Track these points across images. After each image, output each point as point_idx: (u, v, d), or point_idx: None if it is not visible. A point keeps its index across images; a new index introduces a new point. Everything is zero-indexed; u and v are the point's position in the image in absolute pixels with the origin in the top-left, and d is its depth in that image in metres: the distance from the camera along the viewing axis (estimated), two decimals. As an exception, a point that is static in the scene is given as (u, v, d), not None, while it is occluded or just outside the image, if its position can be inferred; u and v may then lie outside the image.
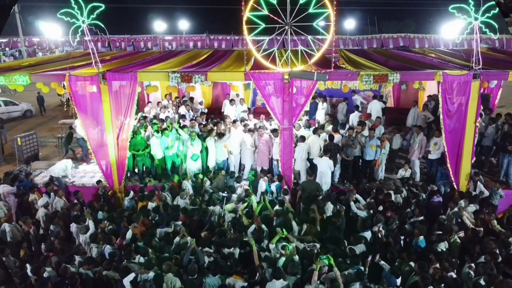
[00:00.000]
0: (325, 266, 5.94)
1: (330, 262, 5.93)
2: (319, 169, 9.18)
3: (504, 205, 9.10)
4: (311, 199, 8.30)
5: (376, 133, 9.80)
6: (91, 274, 6.13)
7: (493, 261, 6.33)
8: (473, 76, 8.64)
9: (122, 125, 9.14)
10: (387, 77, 8.57)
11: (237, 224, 7.41)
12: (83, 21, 8.48)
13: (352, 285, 5.83)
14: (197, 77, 8.79)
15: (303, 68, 8.62)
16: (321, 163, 9.17)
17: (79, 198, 8.73)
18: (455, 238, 7.14)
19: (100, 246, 6.91)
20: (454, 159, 9.21)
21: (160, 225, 7.46)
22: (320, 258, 5.99)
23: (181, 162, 10.01)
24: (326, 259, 5.95)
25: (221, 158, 9.95)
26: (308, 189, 8.60)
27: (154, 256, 6.41)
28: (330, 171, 9.17)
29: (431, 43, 38.81)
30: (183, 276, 6.03)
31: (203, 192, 8.86)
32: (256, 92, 15.21)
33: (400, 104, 15.22)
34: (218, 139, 9.84)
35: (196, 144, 9.67)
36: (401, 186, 8.99)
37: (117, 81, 8.91)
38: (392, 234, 7.06)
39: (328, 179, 9.20)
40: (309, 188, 8.59)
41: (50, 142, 17.04)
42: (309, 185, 8.67)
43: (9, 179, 9.61)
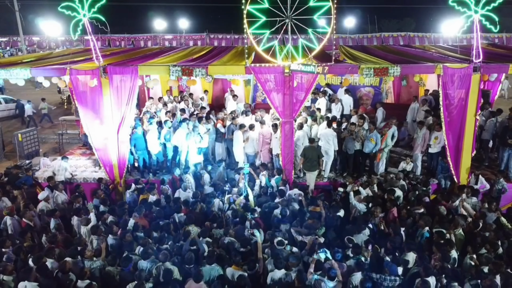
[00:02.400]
0: (325, 258, 5.95)
1: (327, 256, 5.93)
2: (322, 141, 9.59)
3: (505, 200, 9.15)
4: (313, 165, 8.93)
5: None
6: (98, 268, 6.14)
7: (494, 252, 6.36)
8: (474, 69, 8.65)
9: (123, 118, 9.15)
10: (388, 70, 8.58)
11: (237, 215, 7.44)
12: (84, 14, 8.49)
13: (353, 275, 5.85)
14: (198, 70, 8.80)
15: (303, 62, 8.63)
16: (325, 134, 9.55)
17: (81, 192, 8.75)
18: (460, 231, 7.14)
19: (101, 238, 6.92)
20: (454, 153, 9.23)
21: (161, 218, 7.49)
22: (317, 252, 6.00)
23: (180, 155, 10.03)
24: (323, 253, 5.96)
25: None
26: (309, 154, 9.08)
27: (153, 246, 6.42)
28: (333, 144, 9.49)
29: (431, 42, 38.87)
30: (181, 265, 6.03)
31: (203, 184, 8.88)
32: (256, 88, 15.21)
33: (401, 99, 15.20)
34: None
35: (204, 138, 9.77)
36: (401, 180, 9.00)
37: (118, 75, 8.90)
38: (392, 225, 7.08)
39: (331, 151, 9.56)
40: (311, 154, 9.06)
41: (50, 139, 17.08)
42: (310, 151, 9.12)
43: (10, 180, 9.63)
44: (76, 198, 8.31)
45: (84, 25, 8.67)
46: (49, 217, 7.86)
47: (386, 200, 8.07)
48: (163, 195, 8.45)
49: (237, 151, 10.05)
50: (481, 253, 6.40)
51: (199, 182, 9.08)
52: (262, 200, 8.27)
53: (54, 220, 7.68)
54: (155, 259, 6.14)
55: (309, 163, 9.14)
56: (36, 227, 7.74)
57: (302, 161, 9.26)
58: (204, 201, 8.12)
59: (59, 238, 6.96)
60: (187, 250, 6.25)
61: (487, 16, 8.44)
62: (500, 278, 5.77)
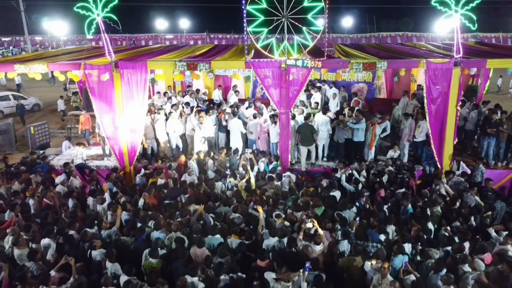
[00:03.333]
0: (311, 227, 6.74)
1: (314, 225, 6.73)
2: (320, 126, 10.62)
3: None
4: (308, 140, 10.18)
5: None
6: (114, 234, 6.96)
7: (465, 224, 7.18)
8: (454, 64, 9.43)
9: (133, 110, 9.93)
10: (375, 65, 9.37)
11: (237, 196, 8.26)
12: (97, 14, 9.28)
13: (340, 243, 6.66)
14: (202, 65, 9.60)
15: (297, 57, 9.44)
16: (319, 120, 10.50)
17: (94, 176, 9.55)
18: (438, 208, 7.95)
19: (115, 214, 7.70)
20: (437, 141, 10.01)
21: (170, 198, 8.30)
22: (305, 221, 6.80)
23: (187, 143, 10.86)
24: (310, 222, 6.75)
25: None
26: (304, 130, 10.20)
27: (163, 219, 7.23)
28: (326, 128, 10.51)
29: (428, 40, 39.70)
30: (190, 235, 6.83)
31: (206, 169, 9.68)
32: (256, 84, 16.00)
33: (393, 95, 15.99)
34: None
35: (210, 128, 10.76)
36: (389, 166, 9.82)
37: (128, 69, 9.68)
38: (376, 203, 7.91)
39: (324, 135, 10.57)
40: (305, 130, 10.19)
41: (58, 133, 17.89)
42: (304, 127, 10.23)
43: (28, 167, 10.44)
44: (91, 181, 9.11)
45: (96, 24, 9.48)
46: (67, 198, 8.65)
47: (374, 183, 8.90)
48: (170, 179, 9.24)
49: (234, 138, 10.91)
50: (454, 225, 7.21)
51: (202, 168, 9.87)
52: (260, 184, 9.07)
53: (72, 200, 8.47)
54: (166, 230, 6.95)
55: (304, 138, 10.20)
56: (55, 206, 8.53)
57: (298, 137, 10.38)
58: (207, 184, 8.92)
59: (78, 214, 7.77)
60: (194, 222, 7.06)
61: (466, 15, 9.26)
62: (469, 245, 6.59)
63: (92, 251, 6.52)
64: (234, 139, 10.84)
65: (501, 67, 10.07)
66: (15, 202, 8.23)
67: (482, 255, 6.29)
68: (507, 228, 7.11)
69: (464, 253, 6.25)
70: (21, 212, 7.93)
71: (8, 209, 8.02)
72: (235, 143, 10.84)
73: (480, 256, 6.26)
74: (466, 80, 15.15)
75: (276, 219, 7.21)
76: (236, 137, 10.82)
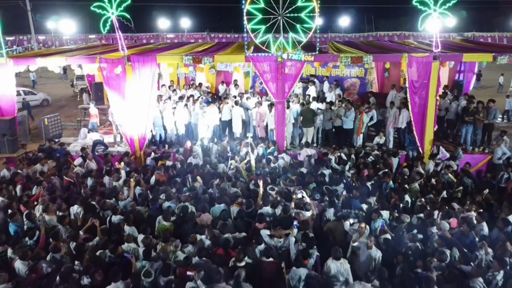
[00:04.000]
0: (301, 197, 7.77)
1: (303, 196, 7.75)
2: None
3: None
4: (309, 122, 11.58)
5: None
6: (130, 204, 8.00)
7: (438, 196, 8.23)
8: (433, 57, 10.47)
9: (144, 100, 10.96)
10: (362, 59, 10.42)
11: (237, 174, 9.31)
12: (112, 12, 10.31)
13: (327, 211, 7.69)
14: (206, 59, 10.64)
15: (293, 51, 10.47)
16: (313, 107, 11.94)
17: (109, 159, 10.58)
18: (415, 185, 8.98)
19: (130, 189, 8.72)
20: (419, 128, 11.05)
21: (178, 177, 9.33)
22: (296, 193, 7.83)
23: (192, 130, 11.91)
24: (300, 193, 7.77)
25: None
26: (305, 113, 11.55)
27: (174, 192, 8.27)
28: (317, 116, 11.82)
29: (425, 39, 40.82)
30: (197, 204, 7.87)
31: (210, 154, 10.71)
32: (255, 79, 17.02)
33: (384, 89, 17.02)
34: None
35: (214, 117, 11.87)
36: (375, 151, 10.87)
37: (139, 63, 10.70)
38: (359, 179, 8.97)
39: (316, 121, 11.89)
40: (306, 112, 11.54)
41: (68, 125, 18.90)
42: (305, 111, 11.64)
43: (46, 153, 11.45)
44: (107, 163, 10.14)
45: (110, 22, 10.51)
46: (85, 177, 9.67)
47: (360, 164, 9.95)
48: (177, 161, 10.27)
49: (236, 125, 12.01)
50: (428, 197, 8.25)
51: (206, 153, 10.90)
52: (259, 165, 10.08)
53: (91, 179, 9.50)
54: (176, 201, 7.98)
55: (305, 120, 11.51)
56: (76, 184, 9.55)
57: (301, 119, 11.62)
58: (211, 166, 9.94)
59: (98, 189, 8.80)
60: (202, 193, 8.11)
61: (443, 14, 10.30)
62: (438, 212, 7.62)
63: (112, 217, 7.54)
64: (236, 126, 11.89)
65: (474, 60, 11.15)
66: (40, 179, 9.25)
67: (449, 220, 7.33)
68: (472, 199, 8.16)
69: (433, 218, 7.29)
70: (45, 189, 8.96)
71: (35, 186, 9.04)
72: (237, 129, 11.88)
73: (447, 221, 7.30)
74: (453, 76, 16.24)
75: (271, 192, 8.25)
76: (237, 125, 11.87)
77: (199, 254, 6.19)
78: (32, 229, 7.26)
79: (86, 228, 7.11)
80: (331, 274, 5.86)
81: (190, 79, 17.17)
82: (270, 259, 6.06)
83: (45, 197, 8.41)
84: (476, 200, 8.07)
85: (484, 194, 8.33)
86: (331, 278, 5.92)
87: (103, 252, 6.44)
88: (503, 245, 6.40)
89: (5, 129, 11.30)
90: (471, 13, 50.70)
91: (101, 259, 6.31)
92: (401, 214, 7.57)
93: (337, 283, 5.83)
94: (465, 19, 51.58)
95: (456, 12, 51.27)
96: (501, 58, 10.39)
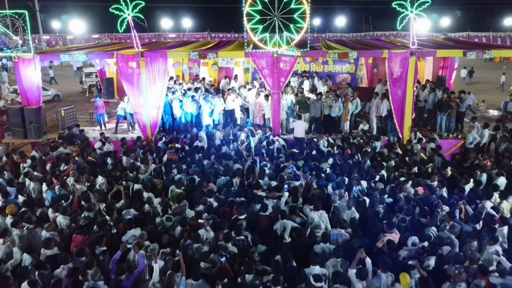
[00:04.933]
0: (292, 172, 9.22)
1: (294, 170, 9.18)
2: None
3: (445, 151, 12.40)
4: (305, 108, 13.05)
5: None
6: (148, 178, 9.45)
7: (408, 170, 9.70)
8: (410, 53, 11.91)
9: (155, 92, 12.39)
10: (348, 54, 11.87)
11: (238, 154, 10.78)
12: (128, 14, 11.75)
13: (313, 182, 9.12)
14: (210, 54, 12.08)
15: (287, 48, 11.92)
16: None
17: (126, 143, 12.02)
18: (391, 162, 10.42)
19: (146, 166, 10.15)
20: (399, 116, 12.49)
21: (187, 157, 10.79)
22: (287, 168, 9.27)
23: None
24: (291, 168, 9.21)
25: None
26: (302, 101, 13.10)
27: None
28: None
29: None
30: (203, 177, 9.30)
31: (214, 138, 12.17)
32: (254, 75, 18.47)
33: (373, 84, 18.46)
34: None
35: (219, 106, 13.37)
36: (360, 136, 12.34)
37: (152, 58, 12.13)
38: (344, 158, 10.44)
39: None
40: (302, 100, 13.10)
41: (80, 118, 20.33)
42: (301, 98, 13.24)
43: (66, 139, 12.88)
44: (124, 145, 11.59)
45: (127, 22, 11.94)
46: (106, 157, 11.11)
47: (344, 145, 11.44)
48: (185, 145, 11.71)
49: (237, 113, 13.53)
50: (400, 170, 9.69)
51: (211, 138, 12.34)
52: (257, 147, 11.54)
53: (111, 159, 10.93)
54: (186, 174, 9.43)
55: (301, 106, 12.96)
56: (97, 164, 10.98)
57: (297, 107, 13.11)
58: (215, 148, 11.38)
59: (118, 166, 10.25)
60: (208, 167, 9.57)
61: (419, 14, 11.75)
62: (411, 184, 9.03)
63: (134, 185, 8.98)
64: (237, 114, 13.39)
65: (447, 56, 12.58)
66: (68, 158, 10.68)
67: (416, 188, 8.77)
68: (440, 173, 9.61)
69: (402, 185, 8.74)
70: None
71: (63, 164, 10.47)
72: (238, 117, 13.37)
73: (415, 188, 8.74)
74: (437, 72, 17.67)
75: (266, 168, 9.69)
76: (238, 113, 13.36)
77: (208, 211, 7.64)
78: (66, 195, 8.71)
79: (112, 193, 8.55)
80: (314, 223, 7.30)
81: (194, 74, 18.65)
82: (265, 214, 7.51)
83: (75, 171, 9.87)
84: (441, 173, 9.52)
85: (448, 169, 9.79)
86: (314, 229, 7.36)
87: (127, 211, 7.87)
88: (456, 204, 7.86)
89: (32, 117, 12.74)
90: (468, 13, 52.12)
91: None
92: (376, 183, 9.03)
93: (319, 231, 7.26)
94: (460, 19, 52.99)
95: (450, 13, 52.88)
96: (470, 54, 11.86)
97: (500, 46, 24.64)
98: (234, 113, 13.70)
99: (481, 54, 11.83)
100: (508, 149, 11.19)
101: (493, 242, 6.63)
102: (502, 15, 50.80)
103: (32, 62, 12.30)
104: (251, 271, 5.81)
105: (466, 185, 8.90)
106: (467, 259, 6.32)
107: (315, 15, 55.18)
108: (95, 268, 5.93)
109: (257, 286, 5.66)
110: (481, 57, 12.03)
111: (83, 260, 6.22)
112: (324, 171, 9.59)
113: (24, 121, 12.86)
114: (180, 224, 7.23)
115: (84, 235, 6.91)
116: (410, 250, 6.55)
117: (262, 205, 7.59)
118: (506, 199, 8.22)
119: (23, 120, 12.88)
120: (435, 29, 46.73)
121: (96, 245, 6.69)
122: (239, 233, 6.90)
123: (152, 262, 6.03)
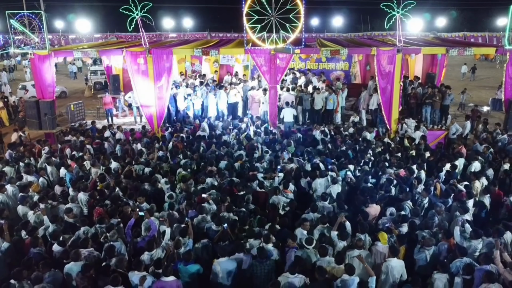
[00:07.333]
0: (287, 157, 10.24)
1: (289, 155, 10.21)
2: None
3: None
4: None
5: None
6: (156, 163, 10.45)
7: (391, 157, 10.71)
8: (397, 51, 12.91)
9: (161, 86, 13.38)
10: (339, 51, 12.87)
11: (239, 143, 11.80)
12: (137, 14, 12.74)
13: (306, 165, 10.13)
14: (213, 51, 13.08)
15: (283, 45, 12.92)
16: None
17: (134, 133, 13.01)
18: (379, 149, 11.42)
19: (153, 153, 11.13)
20: (387, 108, 13.49)
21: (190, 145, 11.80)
22: (283, 153, 10.28)
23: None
24: (286, 154, 10.22)
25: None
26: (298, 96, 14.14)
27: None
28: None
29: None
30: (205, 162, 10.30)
31: (216, 129, 13.17)
32: (253, 72, 19.49)
33: (366, 80, 19.47)
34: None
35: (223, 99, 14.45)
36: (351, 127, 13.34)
37: (158, 55, 13.11)
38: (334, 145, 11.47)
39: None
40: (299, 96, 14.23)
41: (87, 113, 21.30)
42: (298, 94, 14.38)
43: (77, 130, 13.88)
44: (133, 135, 12.59)
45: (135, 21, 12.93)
46: (117, 143, 12.11)
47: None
48: (189, 134, 12.71)
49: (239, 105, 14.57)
50: (383, 156, 10.69)
51: (212, 128, 13.34)
52: (256, 136, 12.54)
53: (120, 146, 11.92)
54: (190, 159, 10.43)
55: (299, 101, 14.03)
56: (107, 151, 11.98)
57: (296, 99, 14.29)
58: (216, 137, 12.38)
59: (129, 153, 11.26)
60: (210, 153, 10.59)
61: (405, 15, 12.76)
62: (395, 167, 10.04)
63: (145, 169, 9.98)
64: (240, 107, 14.51)
65: (431, 53, 13.59)
66: (82, 146, 11.68)
67: (398, 170, 9.77)
68: (421, 158, 10.61)
69: (384, 168, 9.74)
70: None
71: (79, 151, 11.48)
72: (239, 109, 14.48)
73: (397, 171, 9.74)
74: (427, 69, 18.68)
75: (265, 154, 10.71)
76: (241, 106, 14.47)
77: (210, 189, 8.64)
78: (83, 177, 9.70)
79: (125, 173, 9.55)
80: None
81: (197, 71, 19.69)
82: (262, 190, 8.51)
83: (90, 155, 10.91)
84: (422, 158, 10.54)
85: (427, 153, 10.84)
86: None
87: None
88: (432, 182, 8.87)
89: (46, 109, 13.74)
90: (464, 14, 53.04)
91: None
92: (362, 166, 10.03)
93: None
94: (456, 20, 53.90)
95: (446, 13, 53.89)
96: (452, 50, 12.87)
97: (481, 44, 25.77)
98: (236, 106, 14.70)
99: (462, 51, 12.84)
100: (485, 138, 12.21)
101: (463, 211, 7.65)
102: (498, 15, 51.76)
103: (47, 58, 13.29)
104: (254, 236, 6.79)
105: (443, 167, 9.90)
106: (437, 226, 7.33)
107: (314, 15, 56.40)
108: (113, 230, 6.92)
109: (254, 246, 6.65)
110: (462, 54, 13.03)
111: (103, 226, 7.23)
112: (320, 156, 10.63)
113: (39, 113, 13.85)
114: (186, 199, 8.23)
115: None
116: (388, 220, 7.56)
117: (259, 183, 8.59)
118: (478, 179, 9.24)
119: (38, 112, 13.87)
120: (431, 29, 47.68)
121: (112, 217, 7.67)
122: (241, 206, 7.88)
123: (163, 227, 7.03)
